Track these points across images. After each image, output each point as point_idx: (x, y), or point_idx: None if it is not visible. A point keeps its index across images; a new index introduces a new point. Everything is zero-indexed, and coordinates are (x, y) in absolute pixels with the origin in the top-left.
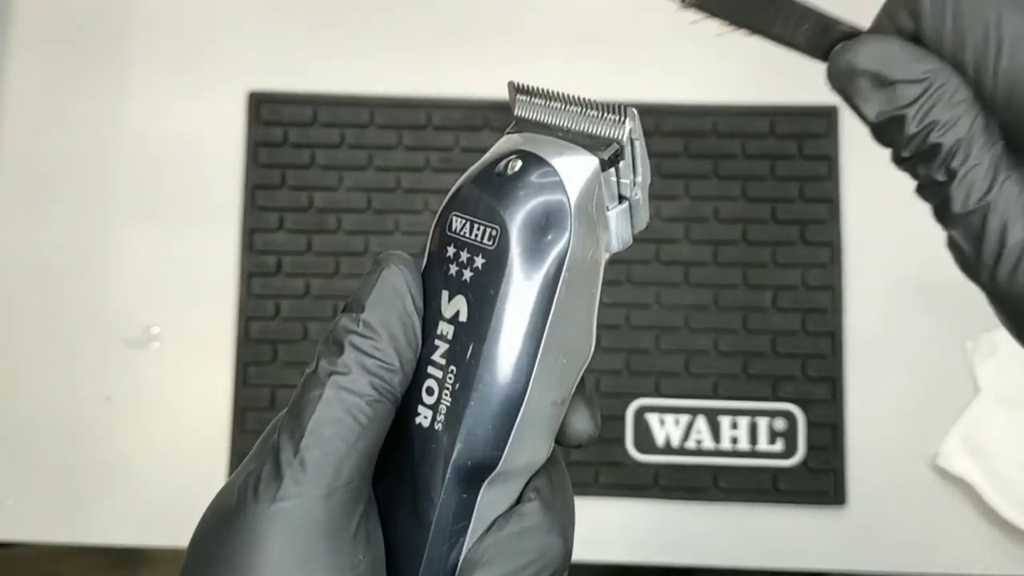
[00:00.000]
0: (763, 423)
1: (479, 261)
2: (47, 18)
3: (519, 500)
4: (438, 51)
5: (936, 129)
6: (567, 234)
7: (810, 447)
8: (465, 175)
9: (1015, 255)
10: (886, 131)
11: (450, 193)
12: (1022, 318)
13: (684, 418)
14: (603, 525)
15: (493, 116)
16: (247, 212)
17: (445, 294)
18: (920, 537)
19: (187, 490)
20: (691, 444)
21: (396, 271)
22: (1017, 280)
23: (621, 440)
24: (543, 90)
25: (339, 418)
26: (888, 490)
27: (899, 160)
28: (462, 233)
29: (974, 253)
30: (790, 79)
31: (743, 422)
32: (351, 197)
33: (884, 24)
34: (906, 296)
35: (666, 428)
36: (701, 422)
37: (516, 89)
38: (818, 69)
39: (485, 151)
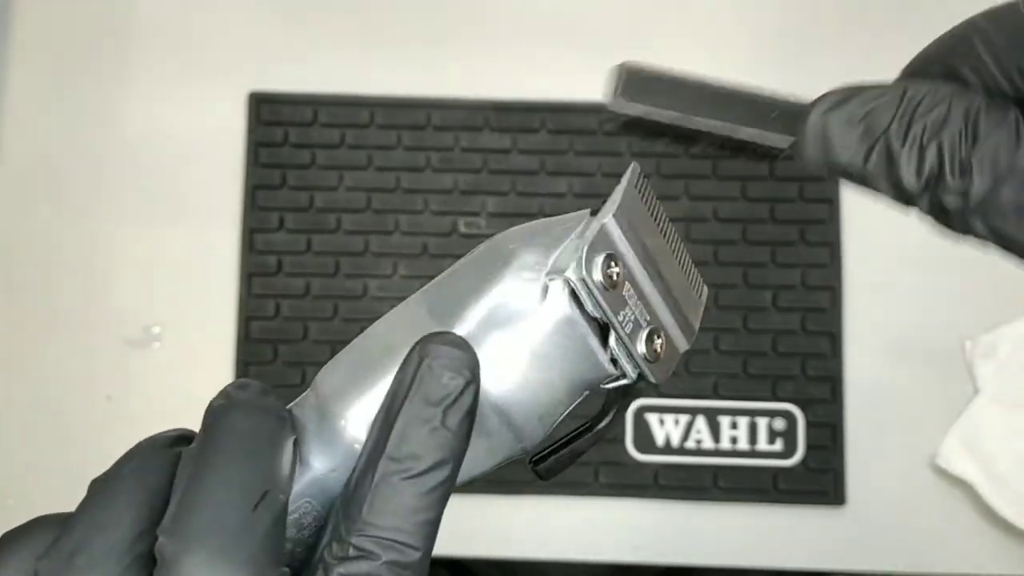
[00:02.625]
0: (763, 423)
1: None
2: (48, 18)
3: None
4: (438, 51)
5: (928, 132)
6: None
7: (810, 447)
8: None
9: None
10: (887, 174)
11: None
12: None
13: (684, 418)
14: (603, 525)
15: (493, 116)
16: (247, 212)
17: None
18: (920, 537)
19: None
20: (691, 444)
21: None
22: None
23: (621, 440)
24: None
25: None
26: (888, 490)
27: (921, 203)
28: None
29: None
30: (790, 79)
31: (743, 422)
32: (351, 197)
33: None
34: (906, 296)
35: (666, 428)
36: (701, 422)
37: None
38: (817, 70)
39: (485, 151)
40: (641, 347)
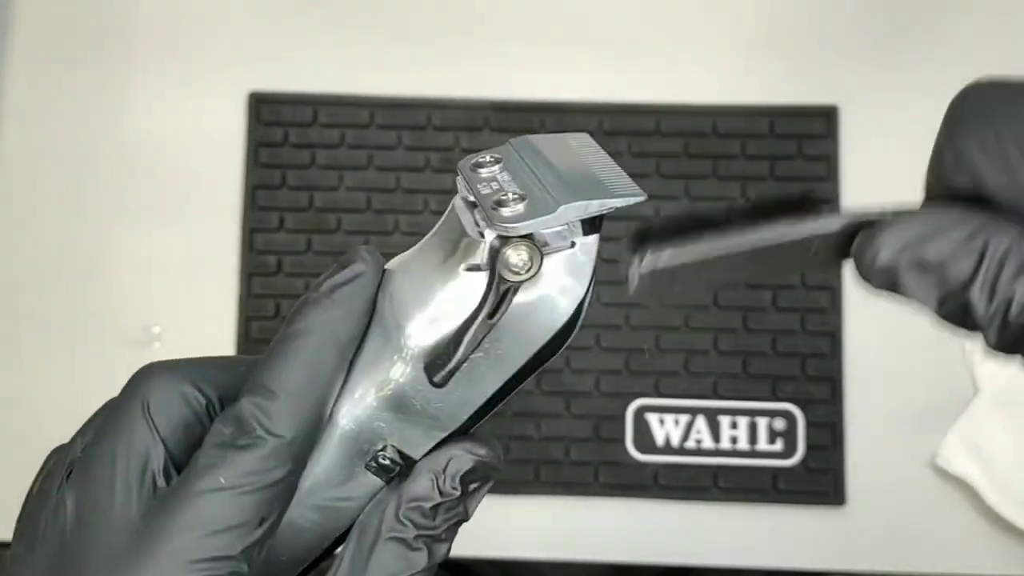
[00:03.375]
0: (763, 423)
1: None
2: (48, 18)
3: None
4: (438, 51)
5: (1016, 301)
6: None
7: (810, 447)
8: None
9: None
10: (965, 320)
11: None
12: None
13: (684, 418)
14: (603, 525)
15: (493, 116)
16: (247, 212)
17: None
18: (920, 537)
19: None
20: (691, 444)
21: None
22: None
23: (621, 440)
24: None
25: None
26: (888, 490)
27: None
28: None
29: None
30: (790, 79)
31: (743, 422)
32: (351, 197)
33: (934, 188)
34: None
35: (666, 428)
36: (701, 422)
37: None
38: (817, 69)
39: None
40: (493, 204)
